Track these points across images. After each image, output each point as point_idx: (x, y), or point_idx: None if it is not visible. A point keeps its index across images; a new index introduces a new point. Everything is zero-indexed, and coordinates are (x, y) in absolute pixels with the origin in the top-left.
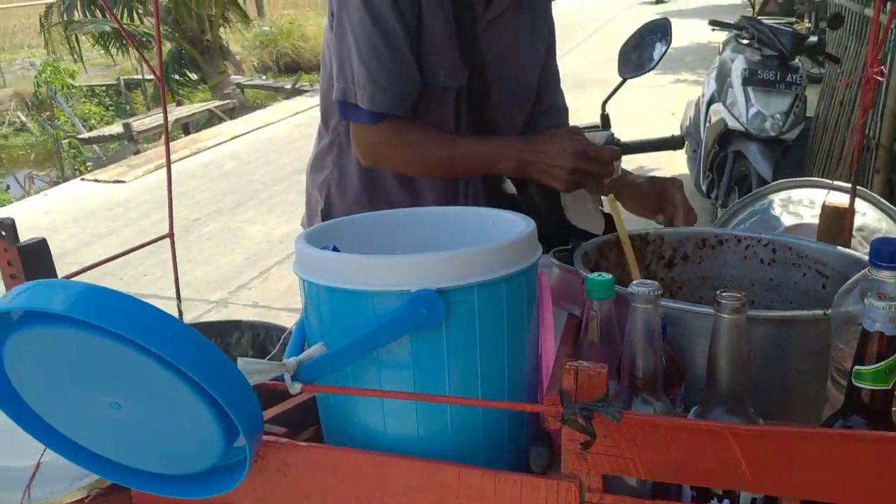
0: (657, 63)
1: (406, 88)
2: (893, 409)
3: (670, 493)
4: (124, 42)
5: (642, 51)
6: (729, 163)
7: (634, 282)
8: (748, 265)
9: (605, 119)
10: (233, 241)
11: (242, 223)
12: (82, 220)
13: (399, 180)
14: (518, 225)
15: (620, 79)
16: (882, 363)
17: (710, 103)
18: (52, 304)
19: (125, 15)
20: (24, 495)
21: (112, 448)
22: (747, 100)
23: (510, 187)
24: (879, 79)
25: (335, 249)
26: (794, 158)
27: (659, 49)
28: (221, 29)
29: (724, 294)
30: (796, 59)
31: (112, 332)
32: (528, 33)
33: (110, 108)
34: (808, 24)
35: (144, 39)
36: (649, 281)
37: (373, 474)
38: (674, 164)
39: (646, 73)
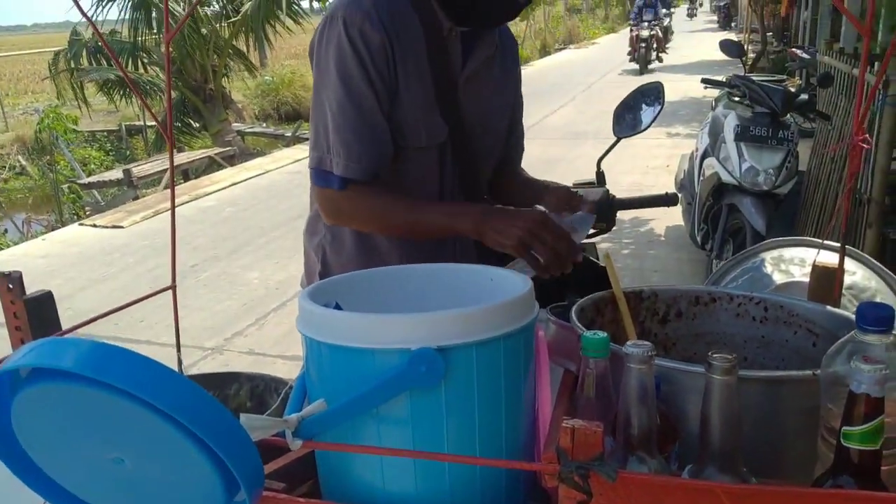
0: (650, 125)
1: (378, 154)
2: (882, 468)
3: None
4: (128, 90)
5: (636, 112)
6: (723, 215)
7: (629, 342)
8: (740, 322)
9: (601, 176)
10: (230, 287)
11: (240, 269)
12: (79, 265)
13: (391, 241)
14: (515, 283)
15: (615, 137)
16: (869, 424)
17: (703, 157)
18: (62, 362)
19: (130, 64)
20: None
21: (114, 502)
22: (740, 155)
23: None
24: (865, 146)
25: (337, 306)
26: (788, 212)
27: (652, 111)
28: (224, 78)
29: (714, 356)
30: (788, 116)
31: (119, 389)
32: (499, 84)
33: (111, 153)
34: (798, 82)
35: (148, 87)
36: (643, 342)
37: None
38: (669, 215)
39: (639, 133)
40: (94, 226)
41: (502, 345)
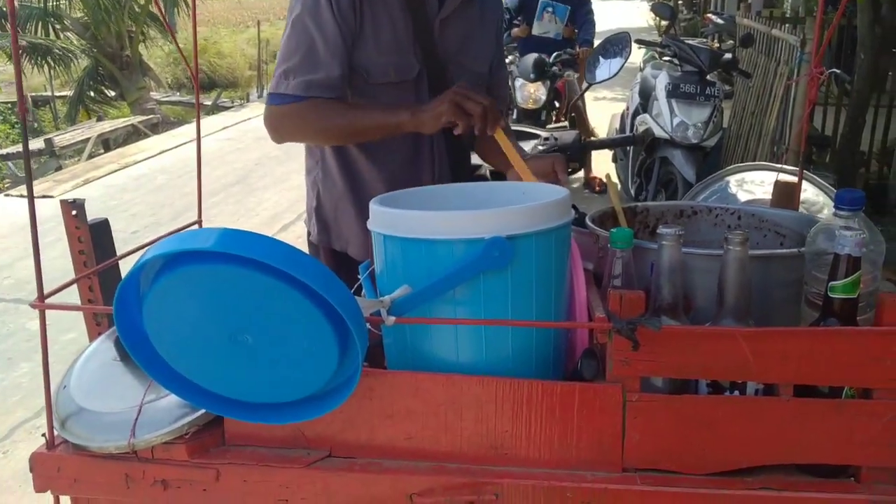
0: (618, 72)
1: (327, 80)
2: (858, 318)
3: (689, 389)
4: (39, 57)
5: (605, 60)
6: (656, 168)
7: (661, 225)
8: (718, 231)
9: (572, 120)
10: None
11: None
12: (12, 236)
13: (371, 173)
14: (547, 192)
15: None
16: (850, 277)
17: (635, 115)
18: (201, 243)
19: (40, 30)
20: (130, 436)
21: (224, 383)
22: (671, 111)
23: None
24: (822, 79)
25: None
26: (713, 163)
27: (620, 60)
28: (140, 45)
29: (732, 231)
30: (712, 75)
31: (256, 264)
32: (477, 25)
33: (16, 125)
34: (715, 45)
35: (61, 54)
36: (672, 224)
37: (449, 393)
38: (606, 170)
39: (609, 80)
40: (22, 196)
41: (554, 235)
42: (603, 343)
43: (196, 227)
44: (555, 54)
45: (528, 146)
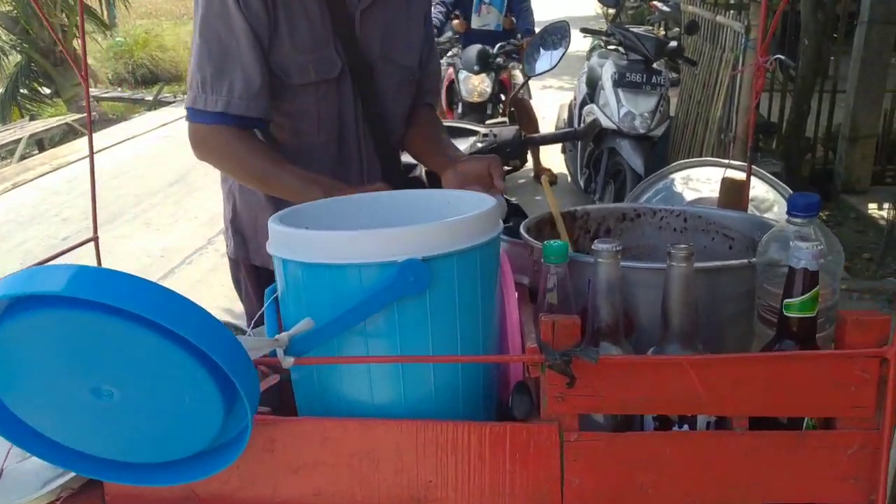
0: (558, 62)
1: (248, 90)
2: (818, 335)
3: (634, 425)
4: None
5: (544, 51)
6: (604, 159)
7: (597, 240)
8: (663, 234)
9: (512, 115)
10: (109, 259)
11: (117, 239)
12: None
13: None
14: (474, 201)
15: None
16: (807, 294)
17: (582, 105)
18: (50, 286)
19: None
20: None
21: (93, 442)
22: (618, 101)
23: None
24: (768, 67)
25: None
26: (660, 152)
27: (560, 51)
28: (75, 40)
29: (675, 246)
30: (658, 63)
31: (116, 311)
32: (403, 15)
33: None
34: (662, 32)
35: None
36: (610, 238)
37: (363, 440)
38: (554, 162)
39: (548, 71)
40: None
41: (479, 253)
42: (536, 376)
43: (93, 244)
44: (498, 45)
45: (466, 143)
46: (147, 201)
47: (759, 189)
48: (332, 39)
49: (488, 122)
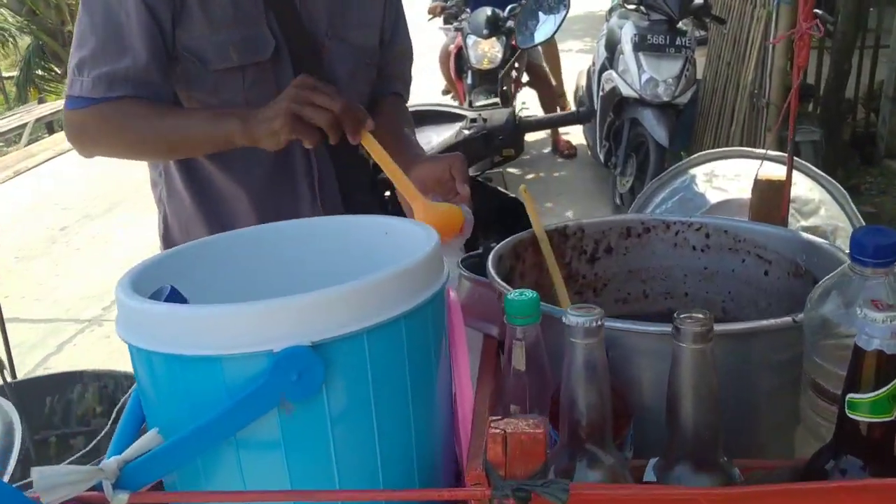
0: (555, 32)
1: (135, 73)
2: None
3: None
4: None
5: (539, 20)
6: (625, 130)
7: (570, 309)
8: (679, 253)
9: (504, 95)
10: (106, 248)
11: (117, 228)
12: None
13: (229, 188)
14: (417, 237)
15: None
16: (883, 390)
17: (601, 71)
18: None
19: None
20: None
21: None
22: (639, 66)
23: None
24: (815, 34)
25: (173, 293)
26: (686, 121)
27: (555, 18)
28: None
29: (683, 317)
30: (683, 23)
31: None
32: None
33: None
34: None
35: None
36: (587, 306)
37: None
38: (571, 133)
39: (543, 43)
40: None
41: (404, 326)
42: None
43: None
44: (509, 7)
45: (451, 130)
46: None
47: (801, 186)
48: (264, 13)
49: (478, 104)
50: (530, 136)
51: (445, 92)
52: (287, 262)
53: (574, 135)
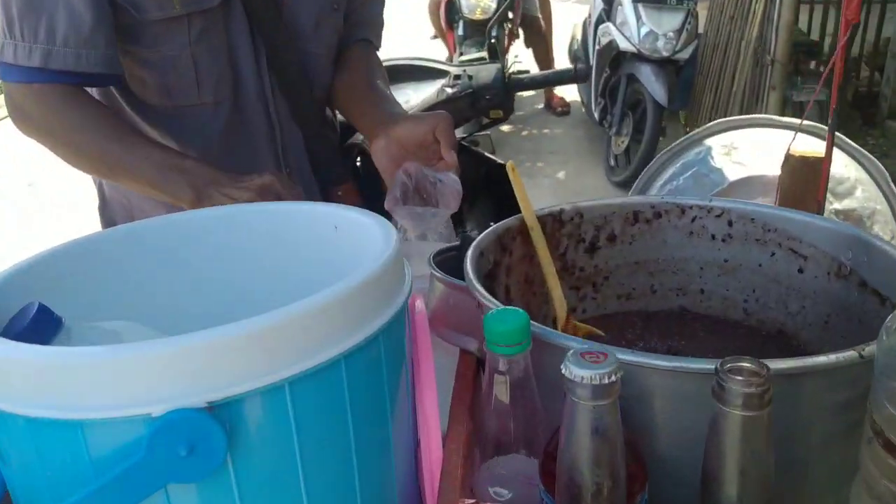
0: None
1: (74, 36)
2: None
3: None
4: None
5: None
6: (622, 87)
7: (571, 353)
8: (695, 243)
9: (493, 49)
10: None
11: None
12: None
13: (174, 144)
14: (373, 233)
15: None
16: None
17: (598, 23)
18: None
19: None
20: None
21: None
22: (638, 18)
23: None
24: None
25: (41, 311)
26: (686, 78)
27: None
28: None
29: (730, 367)
30: None
31: None
32: None
33: None
34: None
35: None
36: (596, 347)
37: None
38: (565, 89)
39: None
40: None
41: (344, 368)
42: None
43: None
44: None
45: (432, 88)
46: None
47: (835, 163)
48: None
49: (463, 58)
50: (521, 92)
51: (434, 37)
52: (205, 271)
53: (568, 90)
